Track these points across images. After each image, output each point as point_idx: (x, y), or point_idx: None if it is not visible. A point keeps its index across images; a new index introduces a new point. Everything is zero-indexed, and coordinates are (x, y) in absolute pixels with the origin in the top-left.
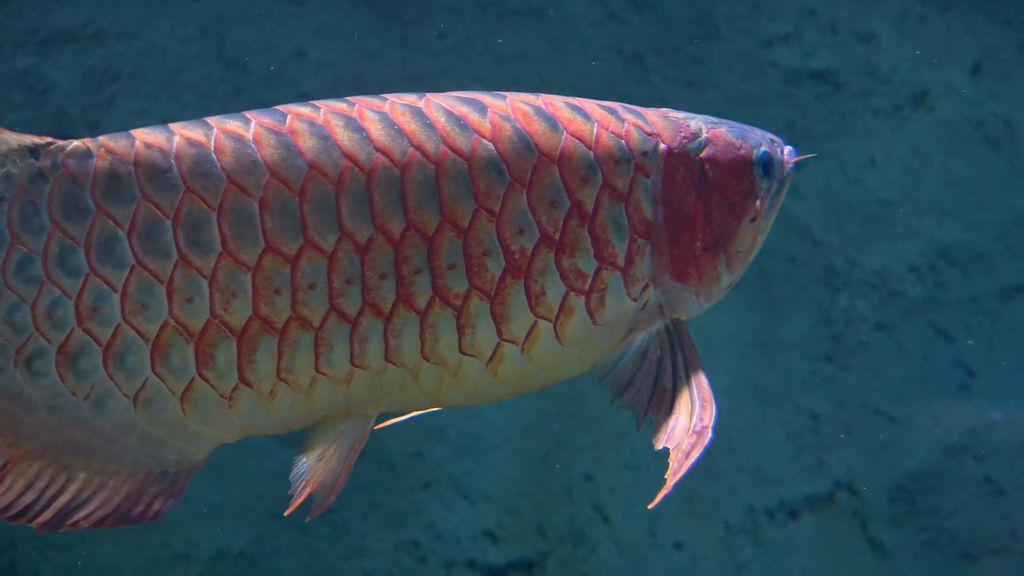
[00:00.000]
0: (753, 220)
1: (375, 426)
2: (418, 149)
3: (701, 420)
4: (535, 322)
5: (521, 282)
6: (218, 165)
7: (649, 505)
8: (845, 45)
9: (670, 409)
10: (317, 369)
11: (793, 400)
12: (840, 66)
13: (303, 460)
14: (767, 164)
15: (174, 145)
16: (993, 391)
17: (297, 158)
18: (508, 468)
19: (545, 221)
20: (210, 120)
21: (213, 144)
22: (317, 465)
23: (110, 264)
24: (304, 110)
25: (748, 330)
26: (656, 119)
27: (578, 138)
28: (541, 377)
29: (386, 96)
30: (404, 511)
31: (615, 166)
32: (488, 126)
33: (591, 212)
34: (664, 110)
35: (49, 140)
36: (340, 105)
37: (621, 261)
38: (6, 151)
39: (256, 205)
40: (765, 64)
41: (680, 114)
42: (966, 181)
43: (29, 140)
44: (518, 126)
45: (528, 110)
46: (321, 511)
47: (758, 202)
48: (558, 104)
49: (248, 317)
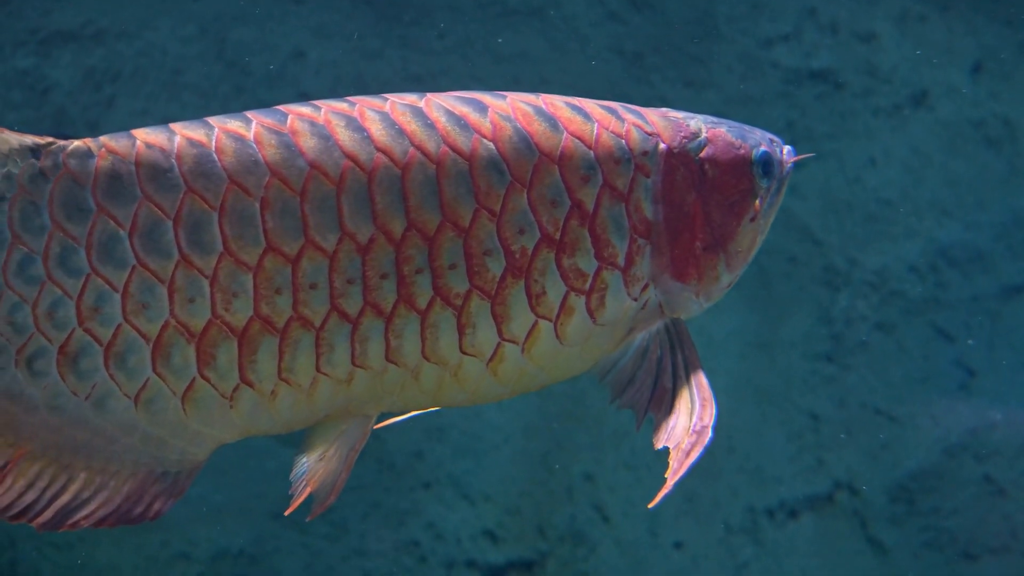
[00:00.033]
0: (752, 220)
1: (375, 425)
2: (419, 149)
3: (701, 419)
4: (535, 322)
5: (522, 282)
6: (219, 165)
7: (649, 504)
8: (845, 45)
9: (670, 408)
10: (318, 369)
11: (793, 400)
12: (840, 66)
13: (303, 460)
14: (766, 164)
15: (175, 145)
16: (993, 391)
17: (298, 158)
18: (508, 468)
19: (546, 221)
20: (211, 120)
21: (214, 144)
22: (318, 465)
23: (111, 264)
24: (305, 110)
25: (748, 330)
26: (656, 119)
27: (578, 138)
28: (541, 377)
29: (386, 96)
30: (404, 511)
31: (615, 166)
32: (489, 126)
33: (591, 212)
34: (664, 110)
35: (50, 140)
36: (341, 105)
37: (621, 261)
38: (7, 151)
39: (257, 205)
40: (765, 64)
41: (680, 114)
42: (966, 181)
43: (30, 140)
44: (519, 126)
45: (528, 110)
46: (321, 511)
47: (757, 202)
48: (558, 104)
49: (249, 317)
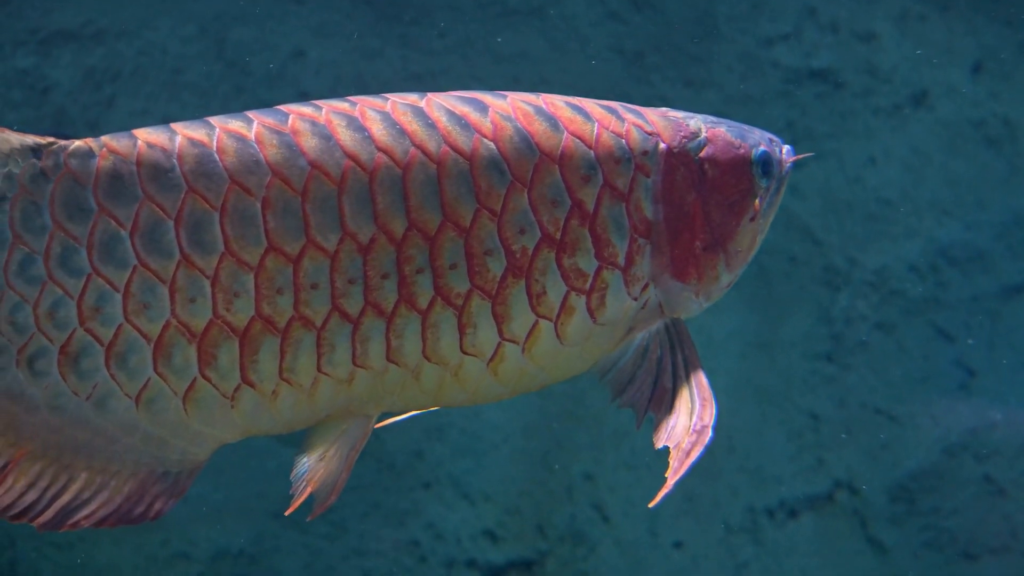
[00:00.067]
0: (752, 219)
1: (375, 425)
2: (420, 149)
3: (701, 419)
4: (536, 321)
5: (522, 282)
6: (220, 165)
7: (650, 504)
8: (845, 44)
9: (670, 408)
10: (319, 369)
11: (793, 400)
12: (840, 65)
13: (304, 460)
14: (766, 163)
15: (176, 145)
16: (993, 391)
17: (299, 158)
18: (508, 467)
19: (546, 221)
20: (212, 120)
21: (215, 144)
22: (318, 465)
23: (112, 264)
24: (306, 110)
25: (748, 329)
26: (656, 118)
27: (579, 138)
28: (542, 376)
29: (387, 96)
30: (404, 510)
31: (616, 166)
32: (489, 126)
33: (592, 211)
34: (663, 109)
35: (51, 140)
36: (342, 105)
37: (621, 260)
38: (8, 151)
39: (258, 205)
40: (765, 63)
41: (679, 113)
42: (966, 181)
43: (31, 140)
44: (519, 126)
45: (529, 110)
46: (322, 511)
47: (757, 201)
48: (559, 104)
49: (250, 317)
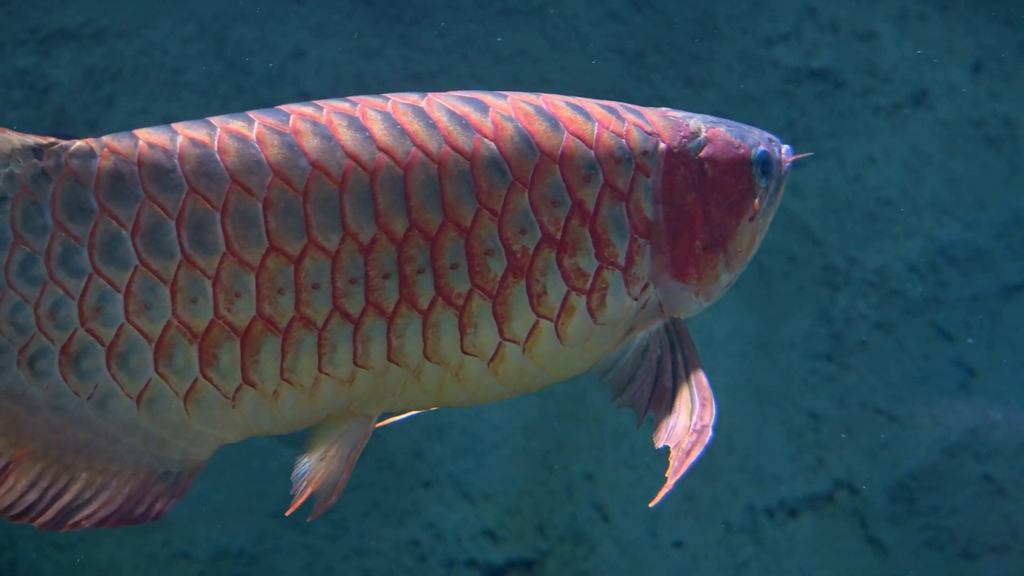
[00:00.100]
0: (752, 219)
1: (375, 424)
2: (421, 149)
3: (701, 419)
4: (536, 321)
5: (523, 282)
6: (222, 165)
7: (650, 504)
8: (845, 44)
9: (670, 408)
10: (320, 369)
11: (793, 399)
12: (840, 65)
13: (305, 460)
14: (765, 163)
15: (178, 145)
16: (993, 390)
17: (300, 158)
18: (508, 467)
19: (547, 221)
20: (213, 120)
21: (217, 144)
22: (319, 465)
23: (113, 264)
24: (307, 110)
25: (748, 329)
26: (656, 118)
27: (579, 138)
28: (542, 376)
29: (388, 96)
30: (404, 510)
31: (616, 165)
32: (490, 126)
33: (592, 211)
34: (663, 109)
35: (52, 140)
36: (343, 105)
37: (622, 260)
38: (9, 151)
39: (260, 205)
40: (765, 63)
41: (679, 113)
42: (966, 180)
43: (32, 140)
44: (520, 126)
45: (529, 110)
46: (323, 511)
47: (757, 201)
48: (559, 104)
49: (252, 317)
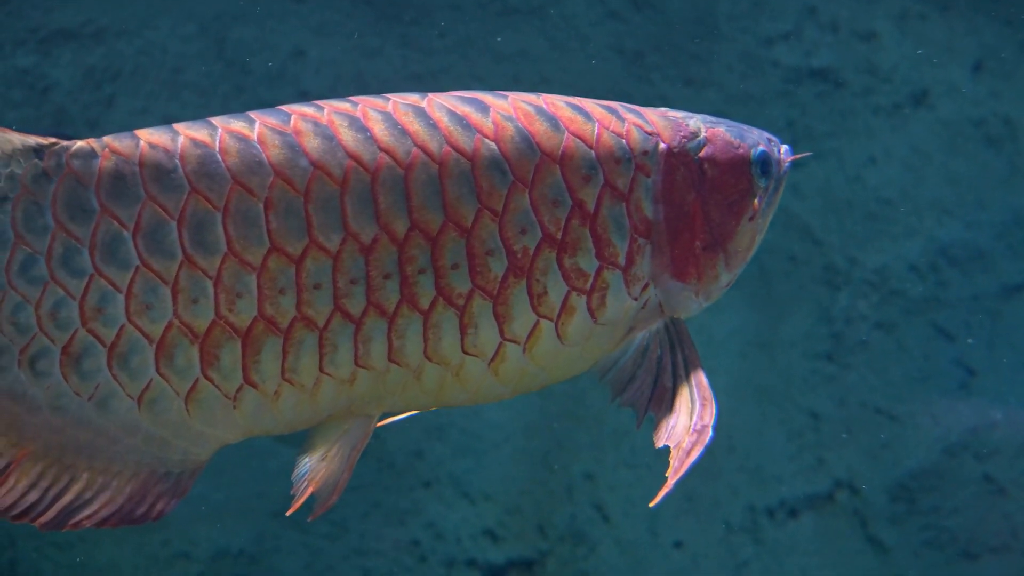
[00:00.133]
0: (751, 219)
1: (376, 424)
2: (422, 149)
3: (701, 419)
4: (537, 321)
5: (523, 282)
6: (223, 165)
7: (650, 504)
8: (845, 44)
9: (670, 407)
10: (321, 369)
11: (793, 399)
12: (840, 65)
13: (305, 460)
14: (765, 163)
15: (179, 145)
16: (993, 390)
17: (301, 158)
18: (508, 467)
19: (547, 221)
20: (214, 120)
21: (218, 144)
22: (319, 465)
23: (114, 265)
24: (308, 110)
25: (748, 329)
26: (655, 118)
27: (580, 138)
28: (543, 376)
29: (388, 96)
30: (404, 510)
31: (616, 165)
32: (491, 126)
33: (592, 211)
34: (663, 109)
35: (53, 140)
36: (344, 105)
37: (622, 260)
38: (10, 151)
39: (261, 205)
40: (765, 63)
41: (679, 113)
42: (966, 180)
43: (33, 140)
44: (520, 126)
45: (530, 110)
46: (323, 511)
47: (756, 201)
48: (559, 104)
49: (253, 318)
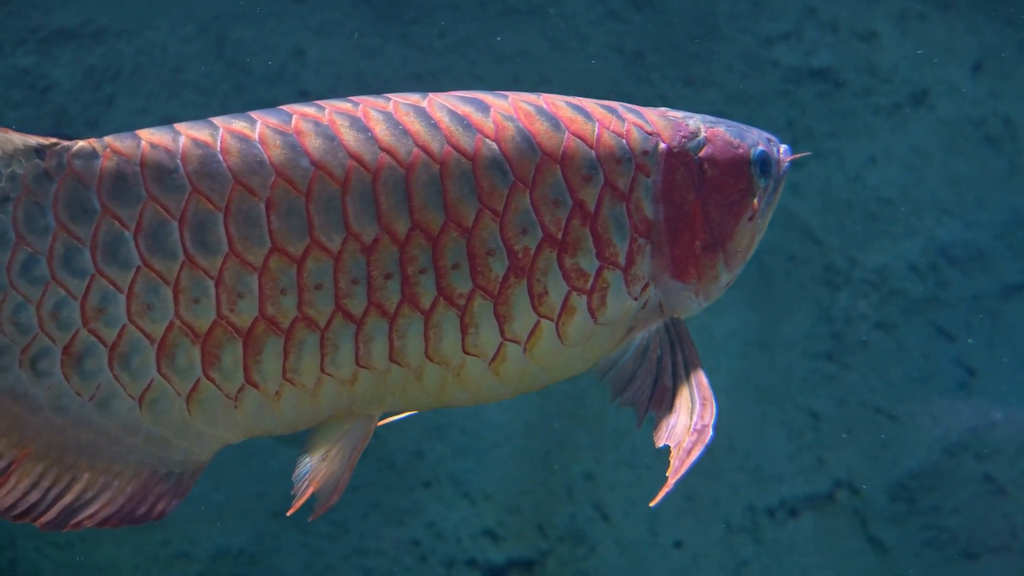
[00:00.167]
0: (751, 219)
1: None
2: (423, 149)
3: (702, 418)
4: (538, 321)
5: (524, 282)
6: (224, 165)
7: (650, 503)
8: (845, 43)
9: (670, 407)
10: (323, 370)
11: (793, 399)
12: (840, 65)
13: (306, 460)
14: (764, 163)
15: (180, 145)
16: (993, 390)
17: (303, 158)
18: (508, 467)
19: (548, 221)
20: (216, 120)
21: (219, 144)
22: (320, 465)
23: (116, 265)
24: (309, 110)
25: (748, 329)
26: (655, 118)
27: (580, 138)
28: (543, 376)
29: (389, 96)
30: (404, 510)
31: (616, 165)
32: (491, 126)
33: (593, 211)
34: (662, 109)
35: (54, 140)
36: (345, 105)
37: (622, 260)
38: (12, 151)
39: (262, 206)
40: (765, 63)
41: (678, 113)
42: (967, 180)
43: (35, 141)
44: (521, 126)
45: (530, 110)
46: (324, 511)
47: (756, 201)
48: (559, 104)
49: (254, 318)
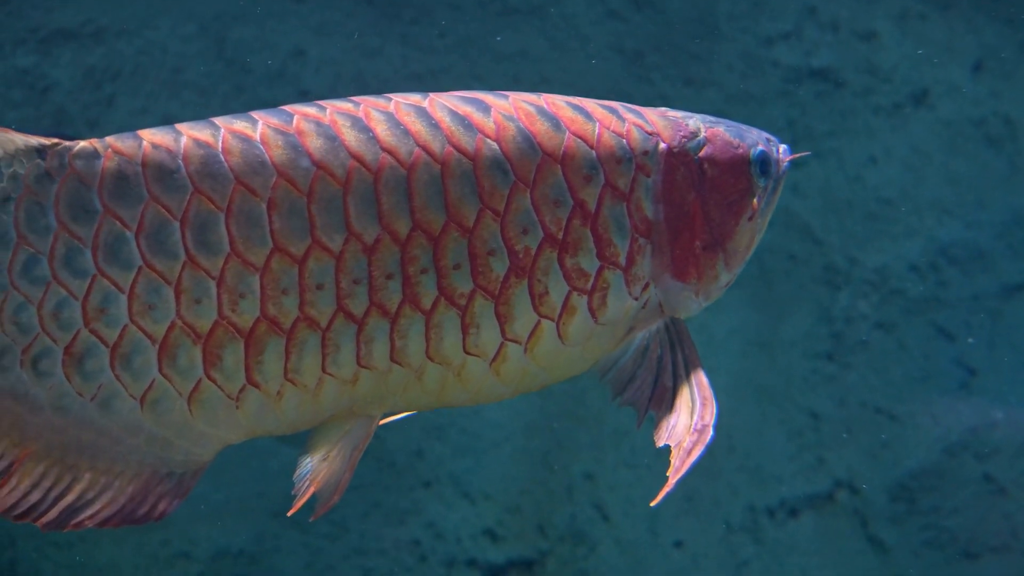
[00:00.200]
0: (751, 219)
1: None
2: (424, 149)
3: (702, 418)
4: (538, 321)
5: (525, 282)
6: (226, 166)
7: (651, 503)
8: (846, 43)
9: (671, 407)
10: (324, 370)
11: (793, 399)
12: (841, 64)
13: (307, 460)
14: (764, 163)
15: (182, 146)
16: (994, 390)
17: (304, 158)
18: (508, 466)
19: (549, 221)
20: (217, 120)
21: (221, 145)
22: (321, 465)
23: (117, 265)
24: (310, 110)
25: (749, 328)
26: (655, 118)
27: (580, 138)
28: (543, 376)
29: (390, 96)
30: (404, 509)
31: (617, 165)
32: (492, 126)
33: (593, 211)
34: (662, 109)
35: (56, 141)
36: (346, 105)
37: (623, 260)
38: (13, 151)
39: (264, 206)
40: (766, 62)
41: (678, 113)
42: (967, 180)
43: (36, 141)
44: (522, 126)
45: (531, 110)
46: (325, 511)
47: (755, 200)
48: (560, 104)
49: (256, 318)
